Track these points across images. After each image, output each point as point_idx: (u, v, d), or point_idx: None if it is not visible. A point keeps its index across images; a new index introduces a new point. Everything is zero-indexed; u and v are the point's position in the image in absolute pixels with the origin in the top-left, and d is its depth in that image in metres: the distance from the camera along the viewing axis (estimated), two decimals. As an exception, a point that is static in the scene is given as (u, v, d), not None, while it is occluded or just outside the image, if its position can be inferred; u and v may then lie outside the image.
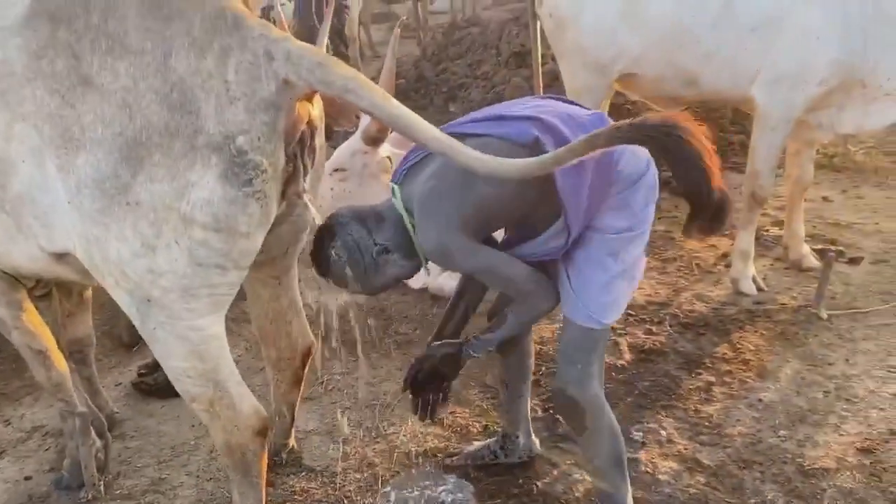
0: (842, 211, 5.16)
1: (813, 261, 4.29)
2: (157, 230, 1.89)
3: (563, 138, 2.03)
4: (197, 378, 2.09)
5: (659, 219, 5.05)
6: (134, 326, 3.88)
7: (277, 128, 1.91)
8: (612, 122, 2.15)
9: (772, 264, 4.47)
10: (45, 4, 1.93)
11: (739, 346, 3.65)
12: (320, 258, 2.11)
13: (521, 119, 2.09)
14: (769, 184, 4.07)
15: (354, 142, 4.14)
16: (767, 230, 4.88)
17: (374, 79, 2.52)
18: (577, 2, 4.30)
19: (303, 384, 2.85)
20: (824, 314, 3.85)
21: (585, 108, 2.25)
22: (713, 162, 1.66)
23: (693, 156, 1.64)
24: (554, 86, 5.82)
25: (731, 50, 3.90)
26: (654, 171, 2.20)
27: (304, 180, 2.08)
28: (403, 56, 8.64)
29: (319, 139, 2.17)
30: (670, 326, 3.85)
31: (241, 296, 2.54)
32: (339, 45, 8.04)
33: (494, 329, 2.29)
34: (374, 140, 4.08)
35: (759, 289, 4.15)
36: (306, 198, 2.12)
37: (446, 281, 4.13)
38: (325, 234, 2.11)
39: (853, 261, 4.39)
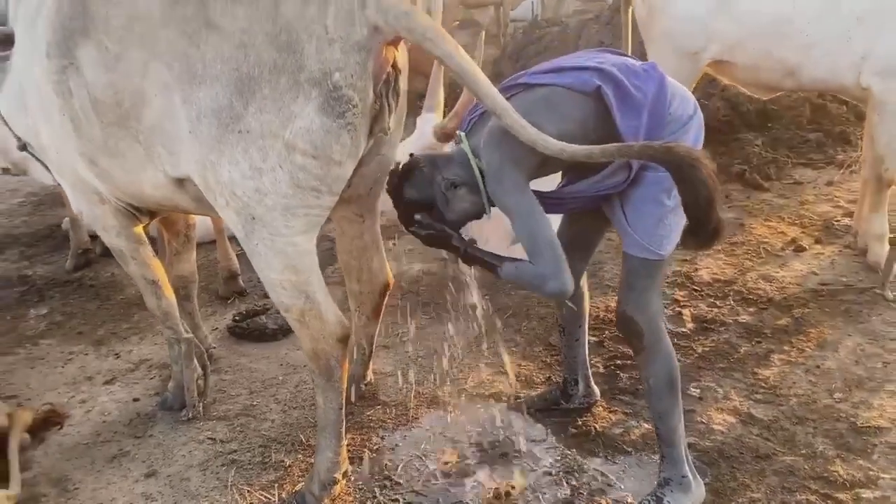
0: (914, 207, 5.13)
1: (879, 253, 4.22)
2: (264, 155, 2.19)
3: (622, 86, 2.25)
4: (291, 289, 2.37)
5: (729, 207, 5.16)
6: (228, 282, 4.28)
7: (367, 67, 2.18)
8: (662, 72, 2.35)
9: (840, 251, 4.51)
10: None
11: (801, 320, 3.74)
12: (397, 192, 2.38)
13: (583, 69, 2.31)
14: (895, 166, 4.07)
15: (424, 138, 3.91)
16: (838, 220, 4.91)
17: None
18: (670, -11, 4.37)
19: (381, 318, 3.11)
20: (890, 295, 3.89)
21: (636, 59, 2.45)
22: (718, 197, 1.95)
23: (704, 189, 1.93)
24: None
25: (835, 40, 3.90)
26: (700, 114, 2.39)
27: (389, 119, 2.35)
28: (485, 58, 8.91)
29: (403, 83, 2.43)
30: (734, 301, 3.96)
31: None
32: None
33: (496, 259, 2.38)
34: (447, 136, 3.82)
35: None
36: (391, 135, 2.39)
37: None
38: (401, 170, 2.39)
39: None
